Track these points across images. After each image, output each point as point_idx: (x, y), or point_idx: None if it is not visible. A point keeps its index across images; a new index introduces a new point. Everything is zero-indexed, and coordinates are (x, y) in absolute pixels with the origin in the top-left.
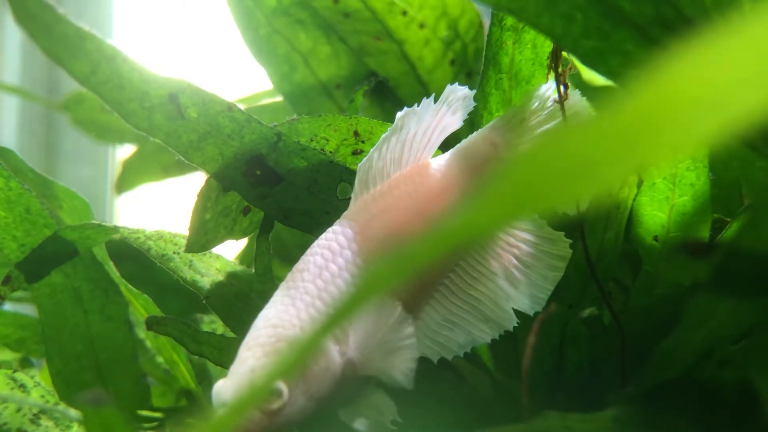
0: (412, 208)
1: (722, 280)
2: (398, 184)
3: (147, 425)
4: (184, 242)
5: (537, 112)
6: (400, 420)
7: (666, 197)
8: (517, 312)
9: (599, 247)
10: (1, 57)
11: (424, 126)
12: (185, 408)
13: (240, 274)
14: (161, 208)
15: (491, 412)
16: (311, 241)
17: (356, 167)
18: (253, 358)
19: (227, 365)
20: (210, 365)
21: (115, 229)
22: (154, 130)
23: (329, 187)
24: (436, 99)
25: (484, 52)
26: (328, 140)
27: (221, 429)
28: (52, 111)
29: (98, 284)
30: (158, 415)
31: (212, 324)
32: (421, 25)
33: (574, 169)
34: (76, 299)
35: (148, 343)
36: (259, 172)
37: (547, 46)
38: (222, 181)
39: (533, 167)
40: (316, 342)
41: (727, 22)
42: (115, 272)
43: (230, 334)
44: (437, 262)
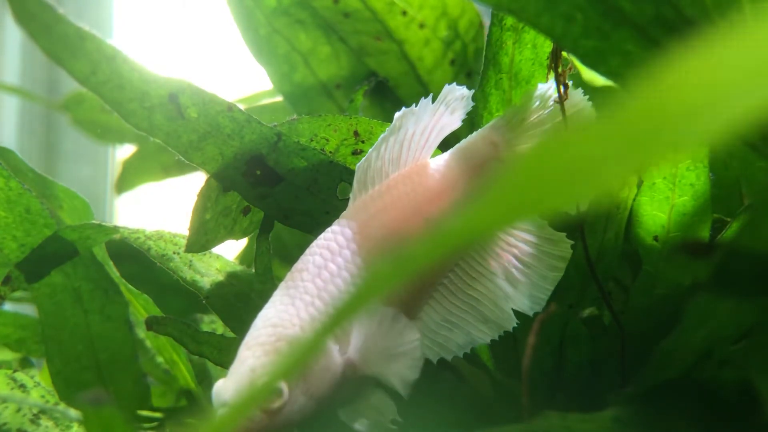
0: (410, 207)
1: (722, 280)
2: (397, 184)
3: (147, 425)
4: (184, 242)
5: (537, 112)
6: (400, 420)
7: (666, 197)
8: (517, 312)
9: (599, 247)
10: (1, 57)
11: (422, 126)
12: (185, 408)
13: (240, 274)
14: (161, 208)
15: (491, 412)
16: (311, 241)
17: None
18: (253, 357)
19: (227, 365)
20: (210, 365)
21: (115, 229)
22: (154, 130)
23: (329, 187)
24: (434, 99)
25: (484, 52)
26: (328, 140)
27: (223, 428)
28: (52, 111)
29: (98, 284)
30: (158, 415)
31: (212, 324)
32: (421, 25)
33: (576, 170)
34: (76, 299)
35: (148, 343)
36: (259, 172)
37: (547, 46)
38: (222, 181)
39: (535, 168)
40: (318, 342)
41: (728, 23)
42: (115, 272)
43: (230, 334)
44: (437, 262)
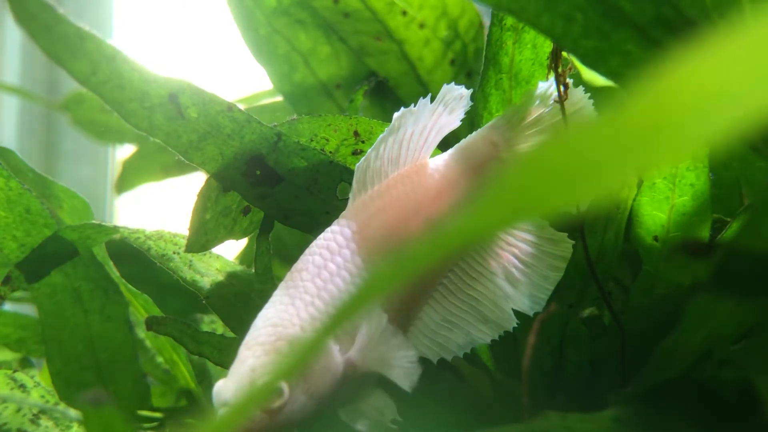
0: (409, 207)
1: (722, 280)
2: (396, 184)
3: (147, 425)
4: (184, 242)
5: (537, 112)
6: (400, 420)
7: (666, 197)
8: (517, 312)
9: (599, 247)
10: (1, 57)
11: (421, 126)
12: (185, 408)
13: (240, 274)
14: (161, 208)
15: (491, 412)
16: (311, 241)
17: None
18: (253, 357)
19: (227, 365)
20: (210, 365)
21: (115, 229)
22: (154, 130)
23: (329, 187)
24: (433, 99)
25: (484, 52)
26: (328, 140)
27: (224, 428)
28: (52, 111)
29: (98, 284)
30: (158, 415)
31: (212, 324)
32: (421, 25)
33: (576, 170)
34: (76, 299)
35: (148, 343)
36: (259, 172)
37: (547, 46)
38: (222, 181)
39: (535, 169)
40: (319, 342)
41: (728, 23)
42: (115, 272)
43: (230, 334)
44: (437, 262)
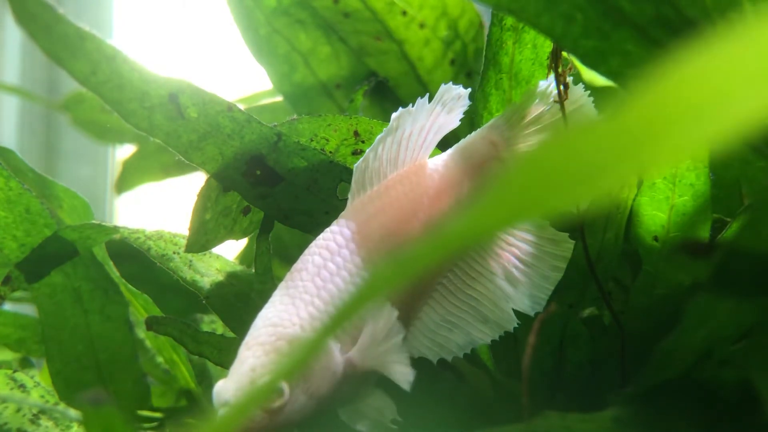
0: (409, 207)
1: (722, 280)
2: (395, 184)
3: (147, 425)
4: (184, 242)
5: (536, 111)
6: (400, 420)
7: (666, 197)
8: (517, 312)
9: (599, 247)
10: (1, 57)
11: (419, 126)
12: (185, 408)
13: (240, 274)
14: (161, 208)
15: (491, 412)
16: (311, 241)
17: None
18: (253, 357)
19: (227, 365)
20: (210, 365)
21: (115, 229)
22: (154, 130)
23: (329, 187)
24: (431, 99)
25: (484, 52)
26: (328, 140)
27: (224, 428)
28: (52, 111)
29: (98, 284)
30: (158, 415)
31: (212, 324)
32: (421, 25)
33: (577, 171)
34: (76, 299)
35: (148, 343)
36: (259, 172)
37: (547, 46)
38: (222, 181)
39: (535, 169)
40: (319, 341)
41: (728, 23)
42: (115, 272)
43: (230, 334)
44: (437, 263)
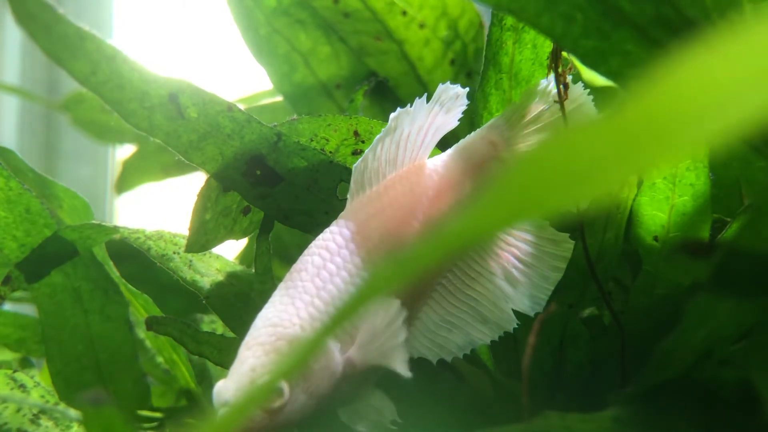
0: (408, 208)
1: (722, 280)
2: (394, 185)
3: (147, 425)
4: (184, 242)
5: (536, 110)
6: (399, 421)
7: (666, 197)
8: (517, 312)
9: (599, 247)
10: (1, 57)
11: (417, 126)
12: (185, 408)
13: (240, 274)
14: (161, 208)
15: (491, 412)
16: (311, 241)
17: None
18: (253, 357)
19: (227, 365)
20: (210, 365)
21: (115, 229)
22: (154, 130)
23: (329, 187)
24: (429, 99)
25: (484, 52)
26: (328, 140)
27: (224, 428)
28: (52, 111)
29: (98, 284)
30: (158, 415)
31: (212, 324)
32: (421, 25)
33: (576, 170)
34: (76, 299)
35: (148, 343)
36: (259, 172)
37: (547, 46)
38: (222, 181)
39: (535, 169)
40: (318, 341)
41: (728, 23)
42: (115, 272)
43: (230, 334)
44: (437, 263)
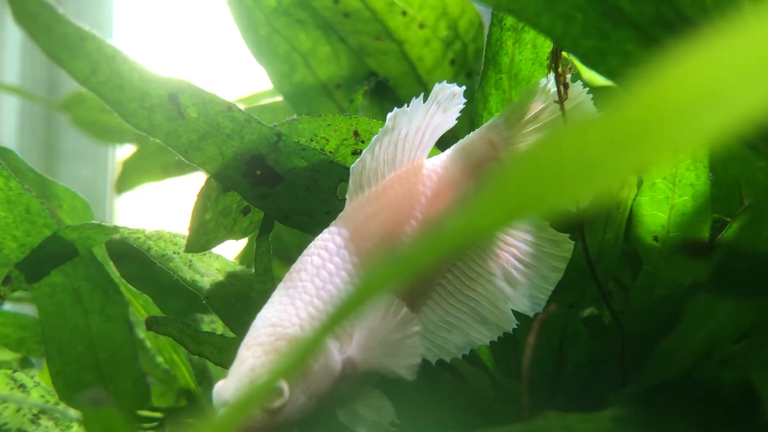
0: (407, 208)
1: (722, 280)
2: (393, 185)
3: (147, 425)
4: (184, 242)
5: (535, 110)
6: (398, 422)
7: (666, 197)
8: (516, 312)
9: (599, 247)
10: (1, 57)
11: (415, 126)
12: (185, 408)
13: (240, 274)
14: (161, 208)
15: (491, 412)
16: (311, 241)
17: None
18: (252, 357)
19: (227, 365)
20: (210, 365)
21: (115, 229)
22: (154, 130)
23: (329, 187)
24: (426, 99)
25: (484, 52)
26: (328, 140)
27: (224, 427)
28: (52, 111)
29: (98, 284)
30: (158, 415)
31: (212, 324)
32: (421, 25)
33: (575, 170)
34: (76, 299)
35: (148, 343)
36: (259, 172)
37: (547, 46)
38: (222, 181)
39: (534, 168)
40: (318, 341)
41: (727, 22)
42: (115, 272)
43: (230, 334)
44: (435, 263)
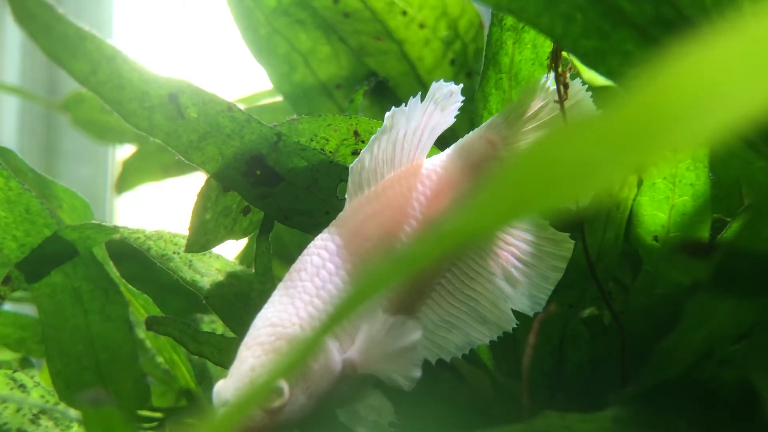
0: (406, 208)
1: (722, 280)
2: (392, 185)
3: (147, 425)
4: (184, 242)
5: (534, 109)
6: (397, 422)
7: (666, 197)
8: (516, 312)
9: (599, 247)
10: (1, 57)
11: (413, 125)
12: (185, 408)
13: (240, 274)
14: (161, 208)
15: (491, 412)
16: (311, 241)
17: None
18: (252, 357)
19: (227, 365)
20: (210, 365)
21: (115, 229)
22: (154, 130)
23: (329, 187)
24: (424, 98)
25: (484, 52)
26: (328, 140)
27: (224, 427)
28: (52, 111)
29: (98, 284)
30: (158, 415)
31: (212, 324)
32: (421, 25)
33: (575, 168)
34: (76, 299)
35: (148, 343)
36: (259, 172)
37: (547, 46)
38: (222, 181)
39: (533, 167)
40: (318, 340)
41: (727, 22)
42: (115, 272)
43: (230, 334)
44: (435, 262)
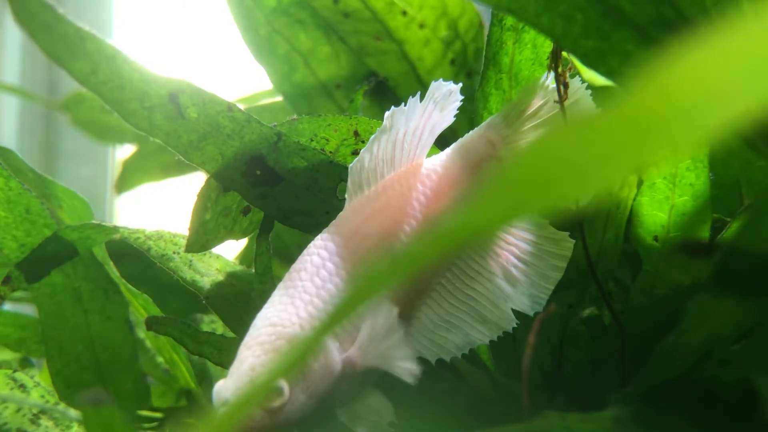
0: (406, 207)
1: (722, 280)
2: (392, 184)
3: (147, 425)
4: (184, 242)
5: (533, 108)
6: (397, 422)
7: (666, 197)
8: (516, 312)
9: (599, 247)
10: (1, 57)
11: (413, 124)
12: (185, 408)
13: (240, 274)
14: (161, 208)
15: (491, 412)
16: (311, 241)
17: None
18: (252, 356)
19: (227, 365)
20: (210, 365)
21: (115, 229)
22: (154, 130)
23: (329, 187)
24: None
25: (484, 52)
26: (328, 140)
27: (224, 427)
28: (52, 111)
29: (98, 284)
30: (158, 415)
31: (212, 324)
32: (421, 25)
33: (574, 168)
34: (76, 299)
35: (148, 343)
36: (259, 172)
37: (547, 46)
38: (222, 181)
39: (533, 166)
40: (318, 340)
41: (727, 22)
42: (115, 272)
43: (230, 334)
44: (435, 261)
